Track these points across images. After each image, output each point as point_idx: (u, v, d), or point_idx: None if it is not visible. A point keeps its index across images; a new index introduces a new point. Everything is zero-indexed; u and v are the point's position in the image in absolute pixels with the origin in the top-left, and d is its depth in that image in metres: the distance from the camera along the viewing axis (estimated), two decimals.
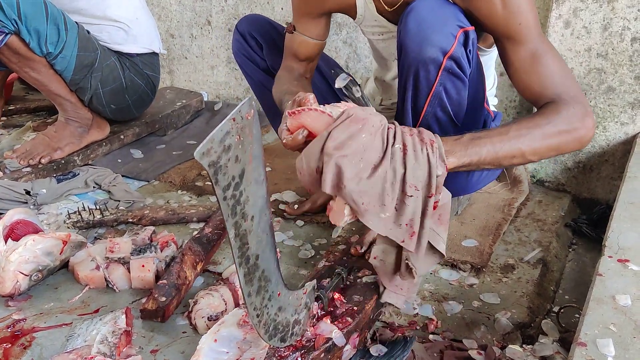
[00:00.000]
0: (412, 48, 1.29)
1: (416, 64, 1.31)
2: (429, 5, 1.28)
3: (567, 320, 1.31)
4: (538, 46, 1.25)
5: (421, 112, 1.40)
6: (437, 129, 1.43)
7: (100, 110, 2.20)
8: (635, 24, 1.68)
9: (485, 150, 1.11)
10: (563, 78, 1.24)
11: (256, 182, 0.87)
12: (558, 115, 1.16)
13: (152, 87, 2.33)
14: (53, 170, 2.04)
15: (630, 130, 1.79)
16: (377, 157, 1.03)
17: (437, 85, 1.33)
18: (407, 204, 1.05)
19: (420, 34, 1.27)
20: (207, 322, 1.26)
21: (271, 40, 1.73)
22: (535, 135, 1.14)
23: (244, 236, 0.87)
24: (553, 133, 1.15)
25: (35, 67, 1.95)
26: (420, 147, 1.05)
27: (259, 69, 1.76)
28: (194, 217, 1.77)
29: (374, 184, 1.02)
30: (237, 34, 1.75)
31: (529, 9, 1.24)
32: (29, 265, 1.39)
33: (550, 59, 1.25)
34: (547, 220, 1.77)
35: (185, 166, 2.16)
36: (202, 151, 0.74)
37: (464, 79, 1.33)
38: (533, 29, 1.25)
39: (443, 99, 1.36)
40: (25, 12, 1.82)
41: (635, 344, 0.95)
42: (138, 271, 1.42)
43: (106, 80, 2.13)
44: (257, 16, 1.77)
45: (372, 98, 1.74)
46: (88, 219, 1.73)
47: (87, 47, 2.03)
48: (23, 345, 1.23)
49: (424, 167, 1.05)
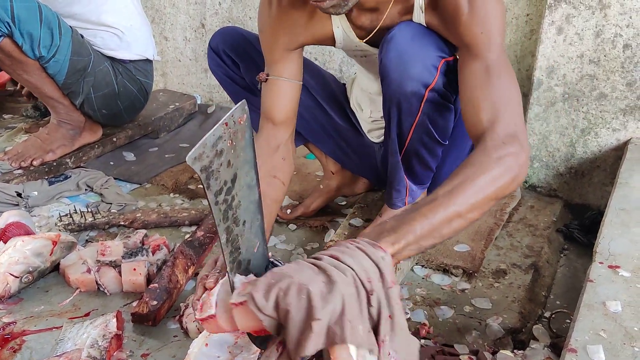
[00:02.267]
0: (393, 81, 1.28)
1: (398, 97, 1.30)
2: (408, 35, 1.24)
3: (559, 326, 1.31)
4: (494, 64, 1.15)
5: (406, 139, 1.40)
6: (423, 151, 1.44)
7: (91, 115, 2.19)
8: (627, 30, 1.69)
9: (418, 226, 0.92)
10: (508, 105, 1.12)
11: (248, 186, 0.87)
12: (489, 159, 1.03)
13: (145, 94, 2.32)
14: (45, 173, 2.03)
15: (622, 137, 1.80)
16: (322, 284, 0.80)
17: (420, 115, 1.33)
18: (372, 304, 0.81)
19: (400, 67, 1.25)
20: (198, 326, 1.25)
21: (247, 58, 1.61)
22: (468, 191, 0.98)
23: (235, 241, 0.87)
24: (487, 183, 1.00)
25: (28, 70, 1.95)
26: (347, 246, 0.87)
27: (238, 86, 1.67)
28: (186, 221, 1.76)
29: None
30: (210, 51, 1.65)
31: (495, 21, 1.17)
32: (19, 267, 1.38)
33: (502, 81, 1.14)
34: (539, 225, 1.77)
35: (177, 169, 2.16)
36: (194, 156, 0.74)
37: (448, 106, 1.33)
38: (494, 43, 1.16)
39: (428, 126, 1.36)
40: (19, 16, 1.82)
41: (625, 350, 0.96)
42: (129, 274, 1.42)
43: (98, 85, 2.12)
44: (231, 30, 1.65)
45: (360, 109, 1.68)
46: (79, 222, 1.72)
47: (80, 51, 2.03)
48: (13, 348, 1.22)
49: (363, 257, 0.84)
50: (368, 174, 1.84)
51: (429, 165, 1.49)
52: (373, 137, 1.69)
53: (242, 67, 1.62)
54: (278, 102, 1.42)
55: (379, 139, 1.67)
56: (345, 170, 1.85)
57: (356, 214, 1.77)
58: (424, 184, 1.56)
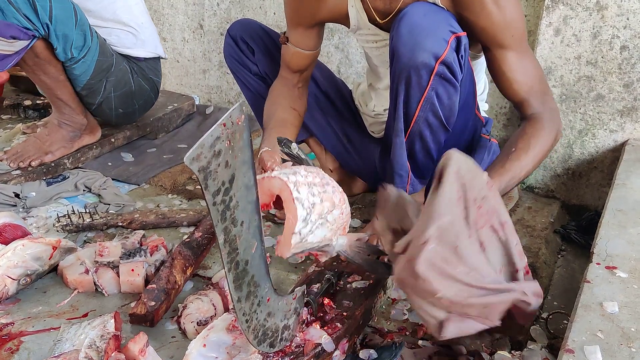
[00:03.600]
0: (404, 53, 1.30)
1: (408, 69, 1.31)
2: (421, 11, 1.28)
3: (556, 327, 1.31)
4: (523, 49, 1.36)
5: (413, 116, 1.40)
6: (428, 134, 1.44)
7: (106, 114, 2.19)
8: (624, 32, 1.70)
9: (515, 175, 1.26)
10: (542, 77, 1.39)
11: (246, 187, 0.88)
12: (543, 130, 1.32)
13: (156, 92, 2.33)
14: (43, 173, 2.03)
15: (619, 138, 1.81)
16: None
17: (429, 90, 1.33)
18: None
19: (412, 39, 1.28)
20: (196, 327, 1.25)
21: (263, 45, 1.73)
22: (535, 156, 1.29)
23: (233, 241, 0.87)
24: (544, 149, 1.31)
25: (49, 72, 1.94)
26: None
27: (250, 73, 1.77)
28: (184, 221, 1.76)
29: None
30: (228, 38, 1.75)
31: (520, 19, 1.33)
32: (17, 270, 1.38)
33: (531, 60, 1.38)
34: (537, 226, 1.77)
35: (175, 170, 2.16)
36: (192, 156, 0.74)
37: (455, 84, 1.34)
38: (522, 37, 1.35)
39: (435, 103, 1.37)
40: (56, 16, 1.81)
41: (622, 351, 0.96)
42: (127, 275, 1.41)
43: (118, 84, 2.12)
44: (249, 21, 1.77)
45: (365, 104, 1.74)
46: (77, 223, 1.72)
47: (105, 51, 2.03)
48: (10, 349, 1.22)
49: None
50: (366, 175, 1.84)
51: (431, 152, 1.48)
52: (374, 132, 1.72)
53: (257, 52, 1.74)
54: (295, 61, 1.61)
55: (380, 134, 1.70)
56: (344, 169, 1.86)
57: (354, 214, 1.77)
58: (424, 178, 1.56)
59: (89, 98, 2.10)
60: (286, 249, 1.06)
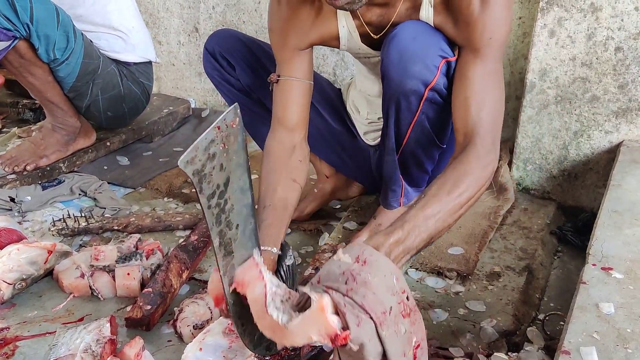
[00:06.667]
0: (394, 79, 1.28)
1: (397, 95, 1.31)
2: (411, 34, 1.25)
3: (553, 328, 1.31)
4: (493, 71, 1.22)
5: (404, 137, 1.41)
6: (420, 152, 1.44)
7: (95, 117, 2.18)
8: (619, 33, 1.70)
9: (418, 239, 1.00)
10: (498, 114, 1.21)
11: (241, 190, 0.87)
12: (478, 163, 1.12)
13: (147, 96, 2.32)
14: (38, 177, 2.02)
15: (615, 139, 1.81)
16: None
17: (419, 114, 1.34)
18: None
19: (401, 66, 1.26)
20: (192, 331, 1.25)
21: (243, 60, 1.61)
22: (453, 194, 1.07)
23: (228, 245, 0.87)
24: (463, 201, 1.08)
25: (36, 73, 1.94)
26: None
27: (233, 89, 1.66)
28: (180, 225, 1.76)
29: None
30: (206, 54, 1.63)
31: (503, 29, 1.22)
32: (12, 274, 1.38)
33: (496, 88, 1.22)
34: (533, 227, 1.78)
35: (171, 173, 2.16)
36: (186, 159, 0.74)
37: (446, 106, 1.33)
38: (499, 49, 1.22)
39: (425, 125, 1.37)
40: (37, 17, 1.80)
41: (618, 352, 0.96)
42: (123, 279, 1.41)
43: (106, 87, 2.11)
44: (226, 33, 1.64)
45: (357, 111, 1.68)
46: (73, 227, 1.71)
47: (91, 54, 2.03)
48: (6, 354, 1.22)
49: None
50: (362, 178, 1.84)
51: (425, 167, 1.49)
52: (369, 140, 1.68)
53: (238, 69, 1.61)
54: (291, 104, 1.42)
55: (375, 141, 1.67)
56: (340, 174, 1.85)
57: (350, 217, 1.77)
58: (419, 187, 1.56)
59: (76, 100, 2.10)
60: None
